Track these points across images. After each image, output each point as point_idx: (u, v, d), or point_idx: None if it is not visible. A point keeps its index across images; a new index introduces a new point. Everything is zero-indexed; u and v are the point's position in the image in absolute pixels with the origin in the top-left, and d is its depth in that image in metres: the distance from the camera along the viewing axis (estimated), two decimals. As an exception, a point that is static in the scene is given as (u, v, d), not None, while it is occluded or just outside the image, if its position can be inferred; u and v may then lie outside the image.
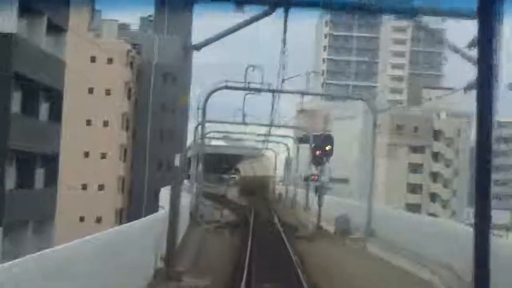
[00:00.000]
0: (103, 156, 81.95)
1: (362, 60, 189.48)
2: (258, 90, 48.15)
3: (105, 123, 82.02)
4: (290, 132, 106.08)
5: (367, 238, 40.48)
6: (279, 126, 79.32)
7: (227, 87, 48.09)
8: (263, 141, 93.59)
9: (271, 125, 76.56)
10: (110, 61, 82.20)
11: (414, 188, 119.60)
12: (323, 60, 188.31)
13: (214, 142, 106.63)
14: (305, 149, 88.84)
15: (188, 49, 28.07)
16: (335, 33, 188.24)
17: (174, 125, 76.41)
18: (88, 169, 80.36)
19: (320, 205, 45.91)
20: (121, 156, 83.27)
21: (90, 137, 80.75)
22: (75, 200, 78.40)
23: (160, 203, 45.11)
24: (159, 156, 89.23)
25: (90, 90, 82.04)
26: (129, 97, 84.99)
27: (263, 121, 79.74)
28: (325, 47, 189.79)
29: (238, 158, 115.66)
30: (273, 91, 47.28)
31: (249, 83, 48.25)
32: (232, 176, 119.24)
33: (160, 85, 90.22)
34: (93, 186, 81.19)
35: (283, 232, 43.90)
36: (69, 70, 78.70)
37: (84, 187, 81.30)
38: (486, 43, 5.61)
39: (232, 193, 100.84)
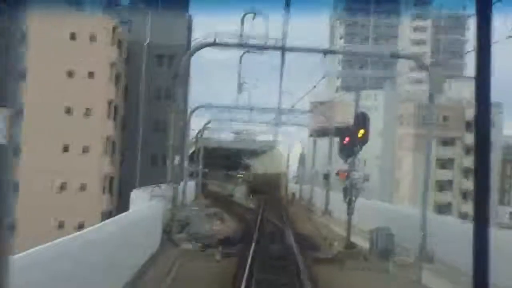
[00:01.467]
0: (85, 150, 68.47)
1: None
2: (257, 47, 34.86)
3: (88, 112, 68.57)
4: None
5: (422, 263, 27.00)
6: (291, 111, 65.69)
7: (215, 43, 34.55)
8: (274, 134, 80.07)
9: (279, 113, 63.52)
10: (93, 39, 68.75)
11: (443, 186, 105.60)
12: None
13: (219, 136, 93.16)
14: (323, 142, 75.91)
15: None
16: (350, 19, 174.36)
17: (169, 115, 62.54)
18: (68, 165, 67.01)
19: (350, 213, 32.20)
20: (107, 150, 69.77)
21: (69, 128, 67.36)
22: (53, 203, 65.25)
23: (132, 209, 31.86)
24: (153, 150, 75.85)
25: (70, 73, 68.63)
26: (116, 82, 71.51)
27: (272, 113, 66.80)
28: (341, 35, 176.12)
29: (247, 153, 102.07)
30: (280, 49, 33.66)
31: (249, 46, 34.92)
32: (240, 173, 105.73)
33: (154, 68, 76.74)
34: (74, 185, 67.80)
35: (298, 251, 30.40)
36: (42, 47, 65.93)
37: (63, 186, 67.93)
38: (483, 41, 5.59)
39: (240, 193, 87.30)
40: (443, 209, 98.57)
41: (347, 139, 31.60)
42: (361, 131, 31.23)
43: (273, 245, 33.55)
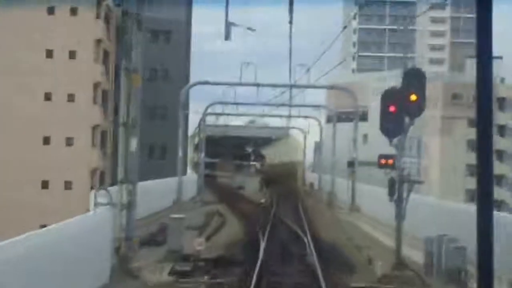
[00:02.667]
0: (69, 142, 58.13)
1: (396, 28, 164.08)
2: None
3: (70, 97, 58.17)
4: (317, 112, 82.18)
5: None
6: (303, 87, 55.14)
7: None
8: (288, 117, 69.43)
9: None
10: (73, 12, 58.29)
11: (475, 170, 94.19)
12: (354, 30, 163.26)
13: (227, 123, 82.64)
14: (343, 126, 65.71)
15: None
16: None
17: (168, 99, 52.34)
18: (50, 160, 56.75)
19: (400, 217, 21.43)
20: (95, 142, 59.40)
21: (50, 117, 57.04)
22: (33, 204, 55.04)
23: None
24: (150, 140, 65.51)
25: (49, 53, 58.24)
26: (104, 62, 61.08)
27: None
28: (355, 15, 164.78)
29: (259, 140, 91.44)
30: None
31: None
32: (251, 163, 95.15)
33: (149, 46, 66.23)
34: (57, 184, 57.47)
35: (323, 275, 19.96)
36: (14, 23, 55.88)
37: (45, 185, 57.66)
38: (484, 34, 5.25)
39: (251, 185, 76.78)
40: (474, 195, 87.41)
41: (392, 107, 20.99)
42: (413, 96, 20.67)
43: (287, 265, 22.94)
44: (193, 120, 72.08)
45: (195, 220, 37.40)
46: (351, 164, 44.31)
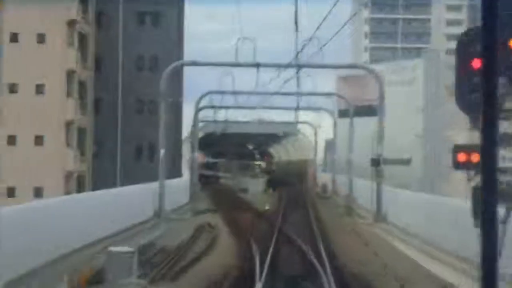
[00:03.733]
0: (39, 141, 49.15)
1: (411, 17, 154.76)
2: None
3: (39, 89, 49.15)
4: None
5: None
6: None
7: None
8: (296, 109, 60.16)
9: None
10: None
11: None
12: (365, 20, 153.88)
13: (228, 117, 73.48)
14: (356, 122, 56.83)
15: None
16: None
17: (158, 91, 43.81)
18: (16, 163, 47.79)
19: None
20: (70, 141, 50.38)
21: (15, 113, 48.07)
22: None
23: None
24: (137, 139, 56.56)
25: (13, 36, 49.20)
26: (81, 48, 52.08)
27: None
28: (366, 3, 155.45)
29: (264, 137, 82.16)
30: None
31: None
32: (256, 162, 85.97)
33: (134, 30, 57.27)
34: (26, 190, 48.41)
35: None
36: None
37: (11, 193, 48.64)
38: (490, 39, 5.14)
39: (256, 188, 67.71)
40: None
41: (476, 62, 11.84)
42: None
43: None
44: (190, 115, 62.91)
45: (172, 239, 28.42)
46: (375, 162, 35.16)
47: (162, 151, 36.74)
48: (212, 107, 57.39)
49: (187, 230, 32.03)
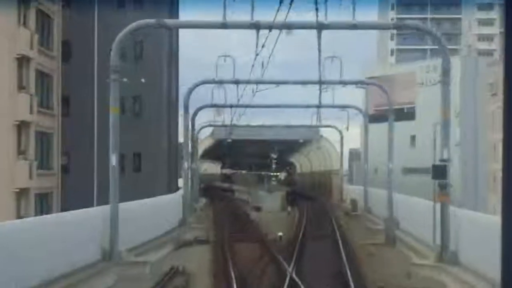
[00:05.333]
0: (-19, 150, 36.71)
1: (440, 17, 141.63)
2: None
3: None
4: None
5: None
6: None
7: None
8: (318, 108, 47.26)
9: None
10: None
11: None
12: (391, 20, 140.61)
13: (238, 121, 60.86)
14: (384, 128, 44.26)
15: None
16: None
17: (144, 88, 31.26)
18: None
19: None
20: (24, 148, 37.90)
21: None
22: None
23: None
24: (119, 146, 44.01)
25: None
26: (41, 30, 39.79)
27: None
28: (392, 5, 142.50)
29: (282, 144, 69.43)
30: None
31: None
32: (272, 173, 73.12)
33: (112, 11, 44.74)
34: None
35: None
36: None
37: None
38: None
39: (272, 204, 55.14)
40: None
41: None
42: None
43: None
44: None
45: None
46: (439, 171, 22.21)
47: (113, 158, 24.11)
48: (214, 106, 44.86)
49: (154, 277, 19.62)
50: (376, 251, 27.87)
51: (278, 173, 76.27)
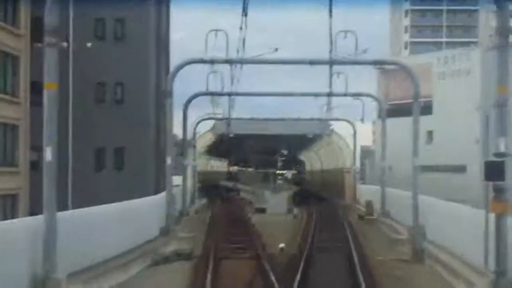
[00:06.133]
0: None
1: (456, 8, 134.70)
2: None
3: None
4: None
5: None
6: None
7: None
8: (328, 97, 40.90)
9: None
10: None
11: None
12: (406, 12, 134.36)
13: (241, 114, 54.61)
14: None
15: None
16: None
17: (127, 70, 24.66)
18: None
19: None
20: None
21: None
22: None
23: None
24: (96, 140, 38.10)
25: None
26: (4, 4, 33.75)
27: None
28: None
29: (289, 139, 63.14)
30: None
31: None
32: (279, 172, 66.77)
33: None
34: None
35: None
36: None
37: None
38: None
39: (277, 206, 49.07)
40: None
41: None
42: None
43: None
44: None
45: None
46: (495, 170, 15.89)
47: (48, 152, 17.68)
48: (210, 93, 38.60)
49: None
50: (402, 271, 21.63)
51: (284, 171, 70.14)
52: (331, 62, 29.50)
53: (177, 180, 41.81)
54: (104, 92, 39.38)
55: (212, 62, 28.81)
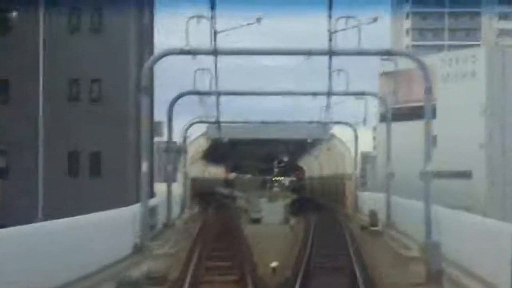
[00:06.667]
0: None
1: (458, 11, 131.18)
2: None
3: None
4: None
5: None
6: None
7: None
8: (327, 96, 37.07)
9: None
10: None
11: None
12: (407, 14, 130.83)
13: (236, 117, 50.67)
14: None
15: None
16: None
17: (104, 63, 20.43)
18: None
19: None
20: None
21: None
22: None
23: None
24: (69, 143, 34.27)
25: None
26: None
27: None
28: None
29: (286, 144, 59.35)
30: None
31: None
32: (275, 178, 62.96)
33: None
34: None
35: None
36: None
37: None
38: None
39: (274, 215, 45.24)
40: None
41: None
42: None
43: None
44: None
45: None
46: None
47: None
48: (197, 93, 34.73)
49: None
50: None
51: (281, 178, 66.30)
52: (331, 53, 25.67)
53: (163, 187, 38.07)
54: (79, 90, 35.49)
55: (194, 53, 24.83)
